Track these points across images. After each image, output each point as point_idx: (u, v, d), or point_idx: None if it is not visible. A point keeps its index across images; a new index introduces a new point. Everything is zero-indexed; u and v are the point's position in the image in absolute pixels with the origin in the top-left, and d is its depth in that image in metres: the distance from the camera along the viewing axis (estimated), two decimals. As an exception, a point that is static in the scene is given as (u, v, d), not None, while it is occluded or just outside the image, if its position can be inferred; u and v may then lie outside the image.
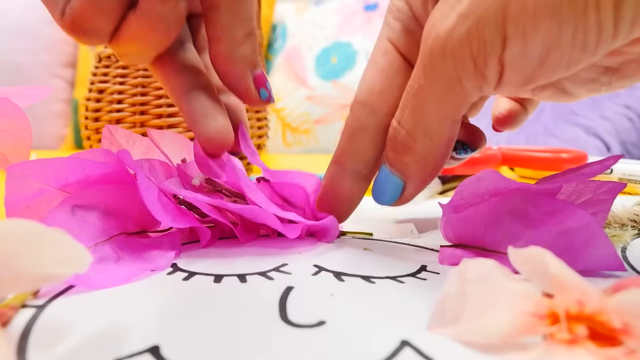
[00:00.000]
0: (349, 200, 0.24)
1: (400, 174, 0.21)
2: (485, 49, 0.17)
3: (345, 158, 0.23)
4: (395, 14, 0.22)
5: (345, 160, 0.23)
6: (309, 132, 1.04)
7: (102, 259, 0.19)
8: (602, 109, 0.81)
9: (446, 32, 0.17)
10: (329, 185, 0.24)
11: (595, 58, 0.16)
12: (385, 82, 0.22)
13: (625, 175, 0.41)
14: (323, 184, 0.24)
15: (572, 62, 0.16)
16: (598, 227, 0.19)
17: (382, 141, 0.22)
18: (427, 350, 0.14)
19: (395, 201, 0.22)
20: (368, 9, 1.09)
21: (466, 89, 0.18)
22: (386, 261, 0.22)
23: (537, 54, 0.16)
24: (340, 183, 0.23)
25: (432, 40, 0.18)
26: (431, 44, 0.18)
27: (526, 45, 0.16)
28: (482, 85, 0.18)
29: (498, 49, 0.16)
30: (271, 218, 0.22)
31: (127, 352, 0.13)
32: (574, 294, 0.13)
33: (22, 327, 0.15)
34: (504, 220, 0.20)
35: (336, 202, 0.24)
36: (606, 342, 0.13)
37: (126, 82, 0.48)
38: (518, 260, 0.14)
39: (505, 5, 0.16)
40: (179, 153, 0.27)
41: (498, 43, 0.16)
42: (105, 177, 0.21)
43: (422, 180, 0.21)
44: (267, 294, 0.18)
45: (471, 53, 0.17)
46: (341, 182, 0.23)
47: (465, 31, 0.17)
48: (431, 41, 0.18)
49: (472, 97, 0.18)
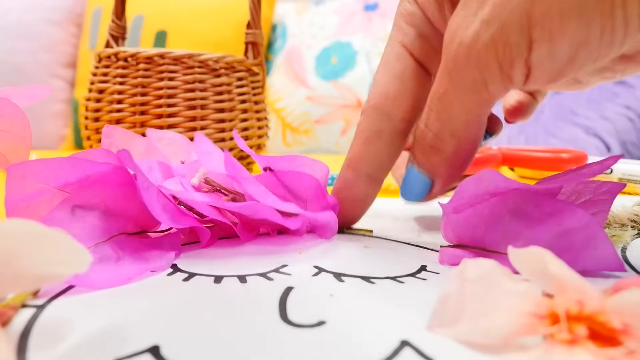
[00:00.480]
0: (363, 203, 0.24)
1: (428, 173, 0.21)
2: (511, 53, 0.17)
3: (360, 162, 0.23)
4: (407, 18, 0.22)
5: (360, 164, 0.23)
6: (309, 132, 1.04)
7: (102, 259, 0.19)
8: (602, 109, 0.81)
9: (470, 39, 0.17)
10: (343, 188, 0.24)
11: (621, 51, 0.16)
12: (400, 87, 0.22)
13: (625, 175, 0.41)
14: (337, 188, 0.24)
15: (600, 57, 0.16)
16: (598, 227, 0.19)
17: (396, 145, 0.22)
18: (427, 350, 0.14)
19: (423, 198, 0.22)
20: (368, 9, 1.09)
21: (492, 91, 0.18)
22: (386, 261, 0.22)
23: (565, 55, 0.16)
24: (356, 187, 0.23)
25: (457, 46, 0.18)
26: (455, 49, 0.18)
27: (553, 47, 0.16)
28: (508, 87, 0.18)
29: (524, 53, 0.16)
30: (271, 211, 0.22)
31: (127, 352, 0.13)
32: (574, 294, 0.13)
33: (22, 327, 0.15)
34: (504, 221, 0.20)
35: (351, 205, 0.24)
36: (606, 342, 0.13)
37: (126, 82, 0.48)
38: (518, 260, 0.14)
39: (530, 9, 0.16)
40: (179, 153, 0.27)
41: (524, 47, 0.16)
42: (105, 177, 0.21)
43: (450, 178, 0.22)
44: (267, 294, 0.18)
45: (497, 58, 0.17)
46: (356, 185, 0.23)
47: (489, 37, 0.17)
48: (455, 47, 0.18)
49: (498, 97, 0.18)
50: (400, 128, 0.22)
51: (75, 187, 0.21)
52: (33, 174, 0.20)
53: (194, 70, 0.48)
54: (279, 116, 1.07)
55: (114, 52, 0.48)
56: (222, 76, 0.50)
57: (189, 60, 0.47)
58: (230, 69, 0.50)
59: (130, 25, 1.04)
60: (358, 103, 1.00)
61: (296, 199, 0.25)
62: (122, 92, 0.48)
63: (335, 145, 1.02)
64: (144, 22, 1.05)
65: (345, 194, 0.24)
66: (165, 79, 0.47)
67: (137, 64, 0.48)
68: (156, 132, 0.26)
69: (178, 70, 0.47)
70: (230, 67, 0.50)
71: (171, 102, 0.47)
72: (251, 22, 0.53)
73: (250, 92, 0.52)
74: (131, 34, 1.03)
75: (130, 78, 0.48)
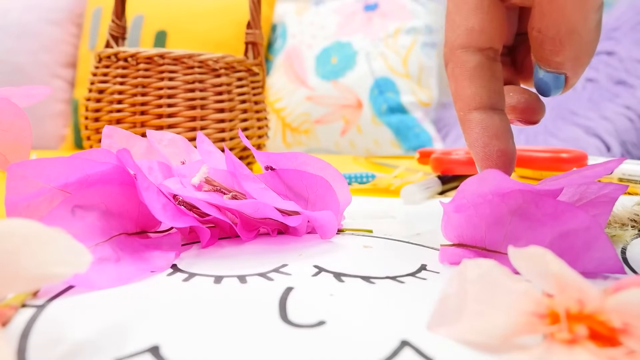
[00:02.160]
0: (506, 134, 0.22)
1: (558, 71, 0.22)
2: None
3: (478, 99, 0.22)
4: None
5: (480, 100, 0.22)
6: (309, 132, 1.04)
7: (102, 259, 0.19)
8: (602, 109, 0.81)
9: None
10: (481, 135, 0.22)
11: None
12: (484, 18, 0.22)
13: (625, 175, 0.41)
14: (474, 139, 0.22)
15: None
16: (599, 229, 0.19)
17: (498, 73, 0.23)
18: (427, 350, 0.14)
19: (561, 91, 0.23)
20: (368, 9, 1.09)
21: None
22: (386, 261, 0.22)
23: None
24: (492, 124, 0.22)
25: None
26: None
27: None
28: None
29: None
30: (271, 209, 0.22)
31: (127, 352, 0.13)
32: (575, 293, 0.13)
33: (22, 327, 0.15)
34: (505, 221, 0.20)
35: (499, 142, 0.22)
36: (606, 342, 0.12)
37: (126, 82, 0.48)
38: (518, 259, 0.14)
39: None
40: (179, 154, 0.27)
41: None
42: (105, 177, 0.21)
43: (581, 69, 0.22)
44: (267, 294, 0.18)
45: None
46: (492, 122, 0.22)
47: None
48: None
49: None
50: (492, 56, 0.22)
51: (75, 187, 0.21)
52: (33, 173, 0.20)
53: (194, 70, 0.48)
54: (279, 116, 1.07)
55: (114, 52, 0.48)
56: (222, 76, 0.50)
57: (189, 60, 0.47)
58: (230, 69, 0.50)
59: (130, 25, 1.04)
60: (358, 103, 1.00)
61: (298, 198, 0.25)
62: (122, 92, 0.48)
63: (335, 146, 1.02)
64: (144, 22, 1.05)
65: (486, 138, 0.22)
66: (165, 79, 0.47)
67: (137, 64, 0.48)
68: (156, 133, 0.26)
69: (178, 70, 0.47)
70: (230, 67, 0.50)
71: (171, 102, 0.47)
72: (251, 22, 0.53)
73: (250, 92, 0.52)
74: (131, 34, 1.03)
75: (130, 78, 0.48)
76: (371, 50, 1.03)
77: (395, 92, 0.98)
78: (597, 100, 0.82)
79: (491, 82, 0.22)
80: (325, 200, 0.25)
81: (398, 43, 1.01)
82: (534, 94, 0.24)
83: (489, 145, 0.22)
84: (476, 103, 0.22)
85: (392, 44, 1.02)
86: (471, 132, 0.22)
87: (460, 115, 0.23)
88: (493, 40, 0.22)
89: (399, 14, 1.04)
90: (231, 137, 0.50)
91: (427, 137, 0.96)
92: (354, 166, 0.63)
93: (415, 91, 0.99)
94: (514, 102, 0.24)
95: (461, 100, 0.22)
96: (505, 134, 0.22)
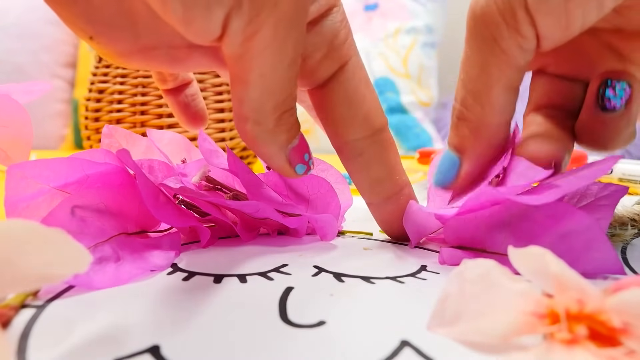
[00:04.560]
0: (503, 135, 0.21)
1: (456, 150, 0.20)
2: (510, 4, 0.17)
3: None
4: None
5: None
6: (309, 132, 1.04)
7: (102, 259, 0.19)
8: (602, 109, 0.81)
9: (478, 5, 0.18)
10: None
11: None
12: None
13: (625, 175, 0.41)
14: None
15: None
16: (599, 230, 0.19)
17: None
18: (427, 350, 0.14)
19: (452, 180, 0.21)
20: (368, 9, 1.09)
21: (505, 48, 0.18)
22: (386, 262, 0.22)
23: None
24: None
25: (469, 17, 0.19)
26: (468, 19, 0.19)
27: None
28: (520, 42, 0.18)
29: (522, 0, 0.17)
30: (271, 210, 0.22)
31: (127, 352, 0.13)
32: (574, 293, 0.13)
33: (22, 327, 0.15)
34: (505, 222, 0.20)
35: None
36: (606, 342, 0.12)
37: (126, 82, 0.48)
38: (518, 259, 0.14)
39: None
40: (179, 153, 0.27)
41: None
42: (105, 177, 0.21)
43: (477, 155, 0.20)
44: (267, 294, 0.18)
45: (499, 12, 0.18)
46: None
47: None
48: (468, 18, 0.19)
49: (515, 57, 0.18)
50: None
51: (75, 187, 0.21)
52: (33, 174, 0.20)
53: (194, 70, 0.48)
54: (279, 116, 1.07)
55: (114, 52, 0.48)
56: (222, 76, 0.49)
57: (189, 60, 0.47)
58: (230, 69, 0.50)
59: (130, 25, 1.03)
60: (358, 103, 1.00)
61: (298, 198, 0.25)
62: (122, 92, 0.48)
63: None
64: (144, 22, 1.05)
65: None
66: (165, 79, 0.47)
67: (137, 64, 0.48)
68: (156, 132, 0.26)
69: (178, 70, 0.47)
70: (230, 67, 0.50)
71: (171, 102, 0.47)
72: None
73: (250, 92, 0.52)
74: (131, 34, 1.03)
75: (130, 78, 0.48)
76: (371, 50, 1.02)
77: (395, 92, 0.98)
78: (597, 100, 0.82)
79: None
80: (327, 201, 0.25)
81: (398, 43, 1.01)
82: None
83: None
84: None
85: (392, 44, 1.01)
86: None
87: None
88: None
89: (399, 14, 1.04)
90: (231, 137, 0.50)
91: (427, 137, 0.96)
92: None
93: (415, 91, 0.99)
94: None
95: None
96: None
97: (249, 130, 0.18)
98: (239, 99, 0.18)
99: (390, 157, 0.23)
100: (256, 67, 0.17)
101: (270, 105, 0.18)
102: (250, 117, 0.18)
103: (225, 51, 0.17)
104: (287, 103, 0.18)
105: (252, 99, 0.18)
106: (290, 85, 0.18)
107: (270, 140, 0.19)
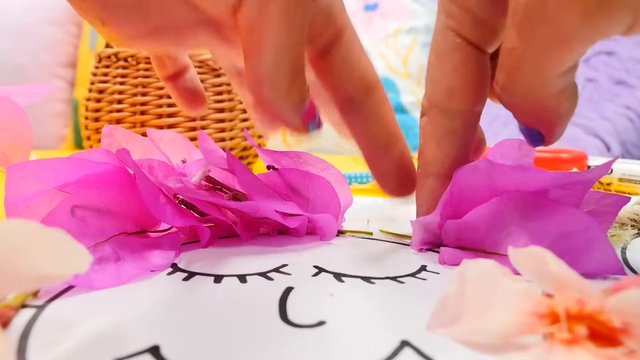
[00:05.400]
0: (435, 197, 0.23)
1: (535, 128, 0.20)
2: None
3: (439, 165, 0.22)
4: (458, 2, 0.21)
5: (440, 167, 0.22)
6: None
7: (102, 259, 0.19)
8: (602, 109, 0.81)
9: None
10: (431, 198, 0.23)
11: None
12: (465, 80, 0.21)
13: (625, 175, 0.41)
14: (419, 203, 0.23)
15: None
16: (599, 230, 0.19)
17: (471, 136, 0.22)
18: (427, 350, 0.14)
19: (543, 145, 0.20)
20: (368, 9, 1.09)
21: (574, 46, 0.16)
22: (386, 262, 0.22)
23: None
24: (442, 192, 0.22)
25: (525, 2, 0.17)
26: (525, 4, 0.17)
27: None
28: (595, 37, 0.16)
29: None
30: (271, 210, 0.23)
31: (127, 352, 0.13)
32: (574, 293, 0.13)
33: (22, 327, 0.15)
34: (505, 223, 0.20)
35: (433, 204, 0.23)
36: (606, 342, 0.12)
37: (126, 82, 0.48)
38: (518, 259, 0.14)
39: None
40: (179, 153, 0.27)
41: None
42: (105, 177, 0.21)
43: (555, 132, 0.19)
44: (267, 294, 0.18)
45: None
46: (442, 190, 0.22)
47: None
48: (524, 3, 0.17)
49: (581, 50, 0.17)
50: (471, 120, 0.22)
51: (75, 187, 0.21)
52: (33, 174, 0.20)
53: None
54: (279, 116, 1.07)
55: (114, 52, 0.48)
56: (222, 76, 0.50)
57: (189, 60, 0.47)
58: (230, 69, 0.50)
59: (130, 25, 1.03)
60: (358, 103, 1.00)
61: (298, 197, 0.25)
62: (122, 92, 0.48)
63: (335, 146, 1.02)
64: (144, 22, 1.05)
65: (431, 206, 0.22)
66: (165, 79, 0.47)
67: (137, 64, 0.48)
68: (156, 132, 0.26)
69: (178, 70, 0.47)
70: (230, 67, 0.50)
71: (171, 102, 0.47)
72: (251, 22, 0.53)
73: (250, 92, 0.52)
74: (131, 34, 1.03)
75: (130, 78, 0.48)
76: (371, 50, 1.02)
77: (395, 92, 0.98)
78: (597, 100, 0.82)
79: (459, 150, 0.22)
80: (327, 200, 0.25)
81: (398, 43, 1.01)
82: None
83: (431, 210, 0.22)
84: (436, 169, 0.22)
85: (392, 44, 1.02)
86: (420, 195, 0.23)
87: (418, 172, 0.23)
88: (474, 102, 0.21)
89: (399, 14, 1.04)
90: (231, 137, 0.50)
91: (427, 137, 0.96)
92: (354, 166, 0.63)
93: (415, 91, 0.99)
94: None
95: (423, 159, 0.23)
96: (435, 198, 0.22)
97: (266, 94, 0.19)
98: (253, 67, 0.19)
99: (385, 112, 0.24)
100: (271, 33, 0.18)
101: (284, 67, 0.19)
102: (266, 81, 0.19)
103: (240, 21, 0.18)
104: (299, 64, 0.20)
105: (268, 63, 0.19)
106: (301, 48, 0.19)
107: (285, 100, 0.20)
